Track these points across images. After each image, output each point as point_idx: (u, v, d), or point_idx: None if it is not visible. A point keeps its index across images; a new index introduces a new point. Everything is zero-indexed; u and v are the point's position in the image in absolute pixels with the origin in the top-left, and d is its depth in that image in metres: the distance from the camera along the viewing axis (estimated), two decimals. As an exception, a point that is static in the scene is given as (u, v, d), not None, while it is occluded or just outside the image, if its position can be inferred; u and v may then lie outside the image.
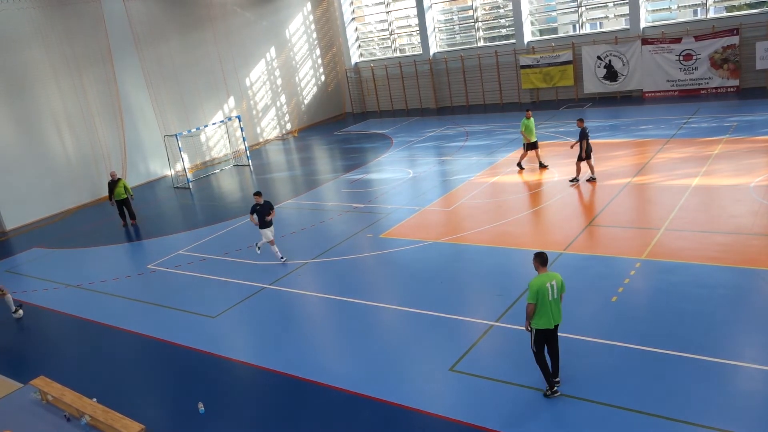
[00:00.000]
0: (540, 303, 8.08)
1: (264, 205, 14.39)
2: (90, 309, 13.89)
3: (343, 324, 11.57)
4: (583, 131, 16.92)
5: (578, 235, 13.65)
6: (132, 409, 9.35)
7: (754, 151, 17.52)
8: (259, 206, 14.34)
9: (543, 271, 8.22)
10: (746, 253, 11.66)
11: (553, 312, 8.18)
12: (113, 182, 19.70)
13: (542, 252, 8.37)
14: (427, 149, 24.62)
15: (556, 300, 8.19)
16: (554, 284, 8.12)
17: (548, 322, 8.17)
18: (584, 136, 16.85)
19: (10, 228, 22.10)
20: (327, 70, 36.42)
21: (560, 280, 8.23)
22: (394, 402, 8.81)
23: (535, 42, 30.69)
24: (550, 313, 8.15)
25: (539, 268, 8.26)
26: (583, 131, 16.92)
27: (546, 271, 8.22)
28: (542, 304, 8.09)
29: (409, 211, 17.11)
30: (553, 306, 8.16)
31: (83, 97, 24.19)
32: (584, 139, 16.83)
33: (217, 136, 30.02)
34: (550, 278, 8.13)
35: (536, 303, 8.07)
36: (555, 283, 8.13)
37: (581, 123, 17.19)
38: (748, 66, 25.54)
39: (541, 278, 8.13)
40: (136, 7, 25.98)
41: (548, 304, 8.11)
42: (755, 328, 9.34)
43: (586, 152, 16.95)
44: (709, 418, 7.51)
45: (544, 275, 8.16)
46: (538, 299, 8.06)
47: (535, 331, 8.27)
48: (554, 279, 8.14)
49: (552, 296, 8.11)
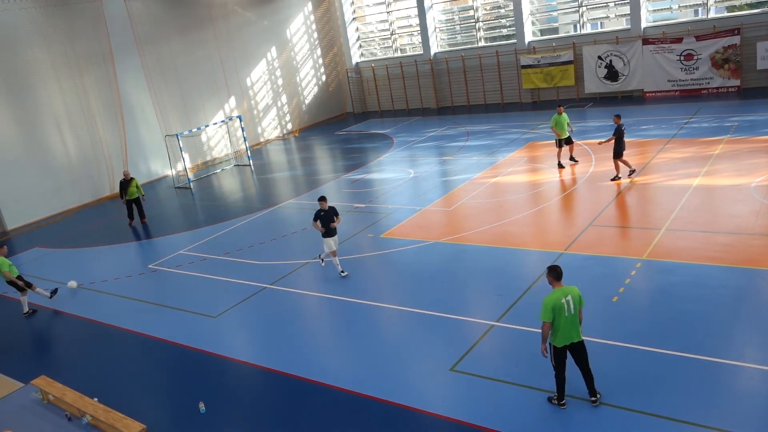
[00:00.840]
0: (556, 320, 7.63)
1: (329, 210, 13.20)
2: (91, 309, 13.91)
3: (343, 324, 11.58)
4: (618, 128, 16.61)
5: (579, 235, 13.65)
6: (133, 409, 9.37)
7: (755, 151, 17.50)
8: (324, 212, 13.16)
9: (558, 285, 7.78)
10: (747, 253, 11.65)
11: (570, 329, 7.70)
12: (126, 181, 19.75)
13: (555, 266, 7.91)
14: (428, 149, 24.62)
15: (573, 316, 7.69)
16: (570, 299, 7.65)
17: (565, 339, 7.74)
18: (617, 133, 16.53)
19: (11, 228, 22.13)
20: (328, 70, 36.43)
21: (577, 294, 7.75)
22: (394, 402, 8.81)
23: (536, 42, 30.68)
24: (565, 331, 7.70)
25: (553, 283, 7.81)
26: (618, 128, 16.61)
27: (561, 286, 7.78)
28: (558, 321, 7.63)
29: (409, 211, 17.12)
30: (569, 323, 7.68)
31: (84, 96, 24.21)
32: (616, 135, 16.51)
33: (218, 135, 30.03)
34: (565, 293, 7.68)
35: (552, 321, 7.64)
36: (571, 297, 7.66)
37: (618, 119, 16.81)
38: (749, 66, 25.52)
39: (555, 294, 7.67)
40: (137, 7, 26.00)
41: (564, 321, 7.65)
42: (756, 328, 9.33)
43: (615, 149, 16.62)
44: (709, 418, 7.51)
45: (559, 290, 7.72)
46: (554, 316, 7.62)
47: (553, 347, 7.83)
48: (570, 293, 7.68)
49: (568, 312, 7.64)
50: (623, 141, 16.69)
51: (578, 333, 7.82)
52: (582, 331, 7.91)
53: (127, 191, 19.71)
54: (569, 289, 7.77)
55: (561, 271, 7.88)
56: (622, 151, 16.74)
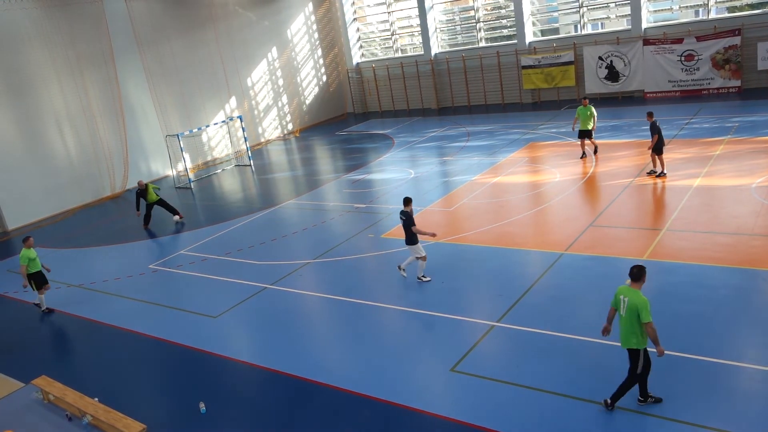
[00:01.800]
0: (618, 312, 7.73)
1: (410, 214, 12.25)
2: (92, 309, 13.91)
3: (344, 324, 11.58)
4: (653, 124, 16.57)
5: (580, 236, 13.64)
6: (133, 409, 9.37)
7: (755, 152, 17.49)
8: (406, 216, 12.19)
9: (628, 283, 7.63)
10: (748, 253, 11.65)
11: (621, 330, 7.68)
12: (143, 191, 19.32)
13: (635, 265, 7.65)
14: (429, 149, 24.62)
15: (624, 320, 7.59)
16: (626, 301, 7.53)
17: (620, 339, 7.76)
18: (655, 130, 16.48)
19: (11, 228, 22.14)
20: (328, 71, 36.44)
21: (633, 302, 7.44)
22: (395, 402, 8.82)
23: (536, 42, 30.68)
24: (620, 330, 7.73)
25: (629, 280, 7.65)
26: (653, 124, 16.57)
27: (629, 285, 7.60)
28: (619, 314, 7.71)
29: (410, 212, 17.10)
30: (621, 323, 7.66)
31: (85, 97, 24.22)
32: (655, 133, 16.48)
33: (218, 136, 30.04)
34: (626, 293, 7.58)
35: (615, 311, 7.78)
36: (627, 300, 7.53)
37: (650, 117, 16.80)
38: (749, 66, 25.51)
39: (620, 288, 7.72)
40: (138, 8, 26.01)
41: (620, 320, 7.68)
42: (756, 328, 9.33)
43: (656, 145, 16.55)
44: (709, 418, 7.51)
45: (625, 287, 7.64)
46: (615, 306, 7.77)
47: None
48: (629, 296, 7.51)
49: (622, 311, 7.63)
50: (662, 138, 16.62)
51: (626, 340, 7.64)
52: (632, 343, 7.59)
53: (146, 198, 19.35)
54: (633, 293, 7.50)
55: (635, 271, 7.56)
56: (662, 147, 16.68)
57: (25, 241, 13.81)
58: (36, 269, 13.84)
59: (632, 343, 7.59)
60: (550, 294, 11.24)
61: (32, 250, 13.77)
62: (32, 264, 13.71)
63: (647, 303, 7.39)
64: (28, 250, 13.68)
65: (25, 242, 13.80)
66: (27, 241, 13.83)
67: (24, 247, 13.71)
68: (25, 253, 13.63)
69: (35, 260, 13.78)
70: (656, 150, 16.67)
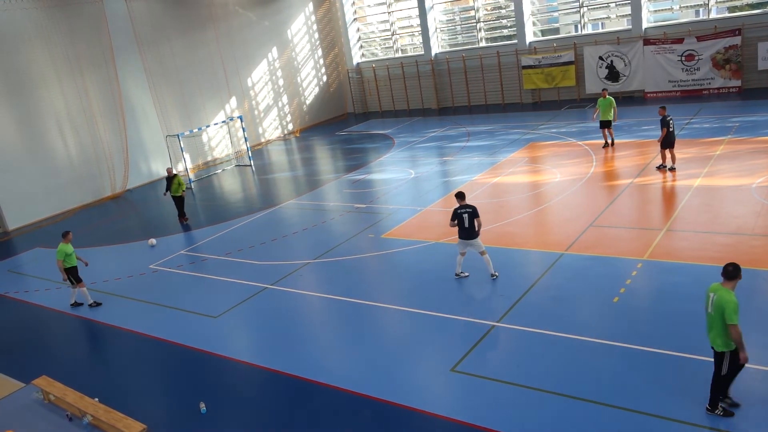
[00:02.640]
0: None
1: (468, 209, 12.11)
2: (92, 309, 13.91)
3: (344, 324, 11.58)
4: (663, 119, 16.66)
5: (580, 236, 13.64)
6: (134, 409, 9.38)
7: (756, 152, 17.49)
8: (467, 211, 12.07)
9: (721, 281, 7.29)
10: (748, 253, 11.65)
11: (707, 327, 7.40)
12: (170, 178, 19.58)
13: (730, 263, 7.25)
14: (429, 149, 24.62)
15: (710, 316, 7.30)
16: (714, 297, 7.21)
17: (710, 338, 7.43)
18: (664, 124, 16.59)
19: (12, 228, 22.14)
20: (329, 71, 36.44)
21: (720, 300, 7.08)
22: (395, 402, 8.82)
23: (536, 42, 30.68)
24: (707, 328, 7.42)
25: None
26: (663, 119, 16.66)
27: (721, 283, 7.28)
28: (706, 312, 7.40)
29: (410, 212, 17.11)
30: (707, 321, 7.37)
31: (85, 97, 24.23)
32: (664, 127, 16.57)
33: (218, 136, 30.05)
34: (714, 290, 7.28)
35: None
36: (714, 297, 7.21)
37: (663, 111, 16.90)
38: (750, 66, 25.51)
39: (712, 285, 7.38)
40: (139, 8, 26.02)
41: (707, 316, 7.40)
42: (757, 328, 9.32)
43: (666, 140, 16.66)
44: (709, 418, 7.51)
45: (717, 284, 7.30)
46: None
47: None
48: (718, 293, 7.18)
49: (709, 308, 7.32)
50: (671, 133, 16.71)
51: (712, 339, 7.36)
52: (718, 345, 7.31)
53: (170, 188, 19.51)
54: (723, 291, 7.14)
55: (731, 269, 7.16)
56: (672, 141, 16.77)
57: (65, 236, 13.64)
58: (72, 264, 13.65)
59: (717, 344, 7.28)
60: (550, 294, 11.24)
61: (69, 245, 13.58)
62: (68, 259, 13.53)
63: (736, 304, 6.99)
64: (66, 245, 13.50)
65: (65, 237, 13.63)
66: (66, 235, 13.66)
67: (62, 242, 13.54)
68: (63, 247, 13.46)
69: (71, 255, 13.60)
70: (666, 144, 16.73)
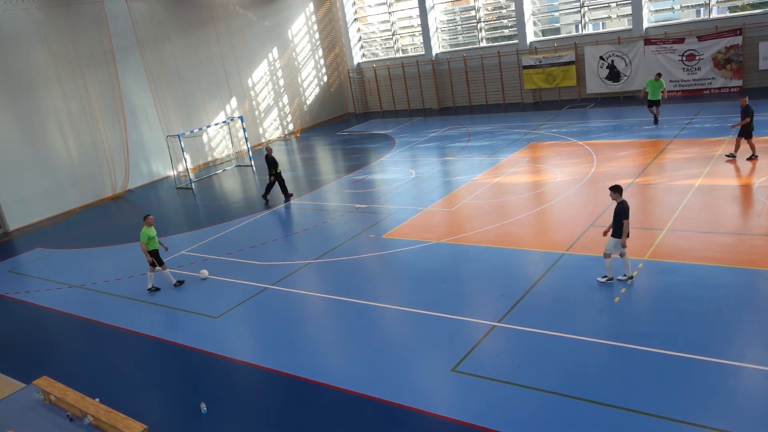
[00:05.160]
0: None
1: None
2: (93, 309, 13.92)
3: (345, 324, 11.57)
4: (745, 108, 16.78)
5: (581, 236, 13.63)
6: (134, 409, 9.38)
7: (757, 152, 17.45)
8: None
9: None
10: (749, 253, 11.64)
11: None
12: (272, 158, 20.05)
13: None
14: (430, 149, 24.61)
15: None
16: None
17: None
18: (746, 114, 16.69)
19: (13, 228, 22.15)
20: (329, 71, 36.44)
21: None
22: (396, 402, 8.81)
23: (537, 42, 30.66)
24: None
25: None
26: (745, 108, 16.78)
27: None
28: None
29: (411, 212, 17.11)
30: None
31: (86, 97, 24.24)
32: (747, 116, 16.65)
33: (219, 136, 30.05)
34: None
35: None
36: None
37: (745, 100, 17.08)
38: (751, 66, 25.48)
39: None
40: (139, 8, 26.03)
41: None
42: (757, 328, 9.31)
43: (745, 129, 16.75)
44: (710, 418, 7.50)
45: None
46: None
47: None
48: None
49: None
50: (752, 122, 16.83)
51: None
52: None
53: (274, 168, 19.96)
54: None
55: None
56: (751, 131, 16.89)
57: (146, 219, 13.93)
58: (154, 247, 13.93)
59: None
60: (551, 294, 11.23)
61: (152, 229, 13.89)
62: (151, 242, 13.83)
63: None
64: (149, 228, 13.80)
65: (146, 220, 13.92)
66: (147, 218, 13.94)
67: (144, 225, 13.84)
68: (146, 231, 13.75)
69: (154, 238, 13.90)
70: (746, 133, 16.87)
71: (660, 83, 22.38)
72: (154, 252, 13.96)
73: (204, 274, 14.57)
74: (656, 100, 22.42)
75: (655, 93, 22.39)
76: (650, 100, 22.56)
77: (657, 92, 22.36)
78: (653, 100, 22.46)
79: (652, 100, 22.51)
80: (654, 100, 22.46)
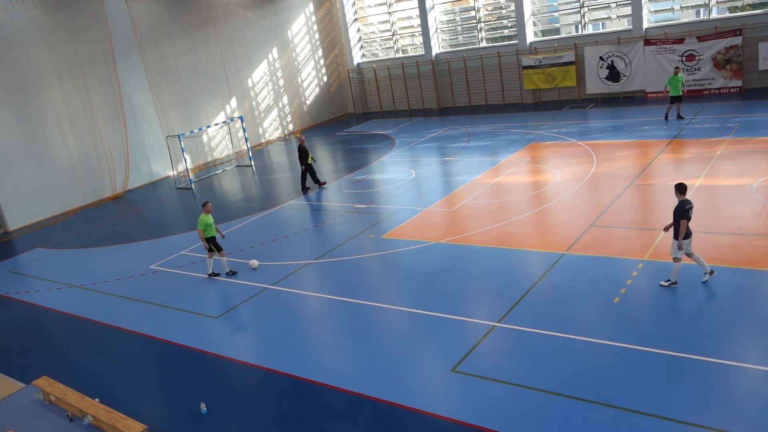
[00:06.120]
0: None
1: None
2: (93, 309, 13.92)
3: (345, 325, 11.57)
4: None
5: (581, 236, 13.63)
6: (134, 410, 9.37)
7: (757, 152, 17.46)
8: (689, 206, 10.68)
9: None
10: (749, 253, 11.64)
11: None
12: (304, 149, 20.38)
13: None
14: (430, 150, 24.61)
15: None
16: None
17: None
18: None
19: (12, 228, 22.15)
20: (329, 71, 36.44)
21: None
22: (395, 403, 8.81)
23: (537, 42, 30.66)
24: None
25: None
26: None
27: None
28: None
29: (411, 212, 17.11)
30: None
31: (86, 97, 24.24)
32: None
33: (219, 136, 30.05)
34: None
35: None
36: None
37: None
38: (751, 66, 25.48)
39: None
40: (139, 8, 26.03)
41: None
42: (758, 329, 9.32)
43: None
44: (710, 419, 7.50)
45: None
46: None
47: None
48: None
49: None
50: None
51: None
52: None
53: (305, 158, 20.15)
54: None
55: None
56: None
57: (204, 206, 14.14)
58: (211, 234, 14.15)
59: None
60: (551, 294, 11.23)
61: (210, 216, 14.11)
62: (208, 229, 14.06)
63: None
64: (207, 216, 14.02)
65: (204, 207, 14.13)
66: (206, 206, 14.16)
67: (203, 212, 14.05)
68: (204, 218, 13.96)
69: (211, 226, 14.11)
70: None
71: (679, 78, 22.48)
72: (212, 239, 14.18)
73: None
74: (678, 96, 22.52)
75: (676, 89, 22.48)
76: (672, 96, 22.67)
77: (678, 88, 22.45)
78: (675, 96, 22.57)
79: (674, 96, 22.60)
80: (676, 96, 22.55)
